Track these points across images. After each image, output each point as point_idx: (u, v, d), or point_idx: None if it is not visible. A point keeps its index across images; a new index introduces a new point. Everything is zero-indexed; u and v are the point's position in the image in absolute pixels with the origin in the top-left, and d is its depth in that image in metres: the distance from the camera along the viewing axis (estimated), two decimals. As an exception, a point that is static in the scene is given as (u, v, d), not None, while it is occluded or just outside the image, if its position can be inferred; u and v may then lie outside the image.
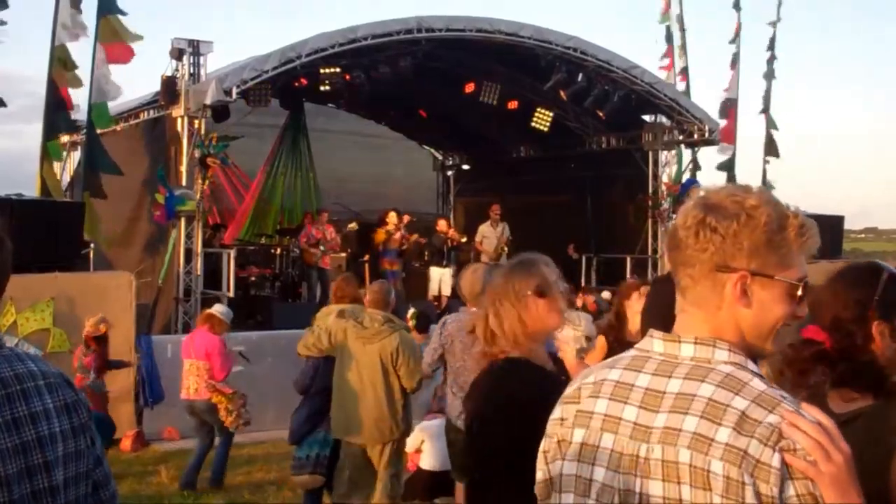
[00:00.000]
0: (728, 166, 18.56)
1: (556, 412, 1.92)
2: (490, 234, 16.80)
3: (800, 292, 1.74)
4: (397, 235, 15.95)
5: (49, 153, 14.29)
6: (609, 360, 1.91)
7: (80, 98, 13.98)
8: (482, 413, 3.20)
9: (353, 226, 16.60)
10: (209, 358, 8.77)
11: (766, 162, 19.84)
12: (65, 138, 15.33)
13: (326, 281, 14.92)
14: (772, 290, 1.72)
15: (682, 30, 19.74)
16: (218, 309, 9.42)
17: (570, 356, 4.07)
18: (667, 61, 19.56)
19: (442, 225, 16.82)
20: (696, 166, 17.83)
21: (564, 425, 1.87)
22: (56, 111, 13.85)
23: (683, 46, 19.71)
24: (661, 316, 1.99)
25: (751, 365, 1.71)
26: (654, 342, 1.81)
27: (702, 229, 1.71)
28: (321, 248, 15.46)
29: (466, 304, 6.36)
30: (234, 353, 9.21)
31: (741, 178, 19.09)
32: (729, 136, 18.66)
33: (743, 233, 1.70)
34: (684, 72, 19.54)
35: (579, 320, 6.65)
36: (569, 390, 1.93)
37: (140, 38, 13.41)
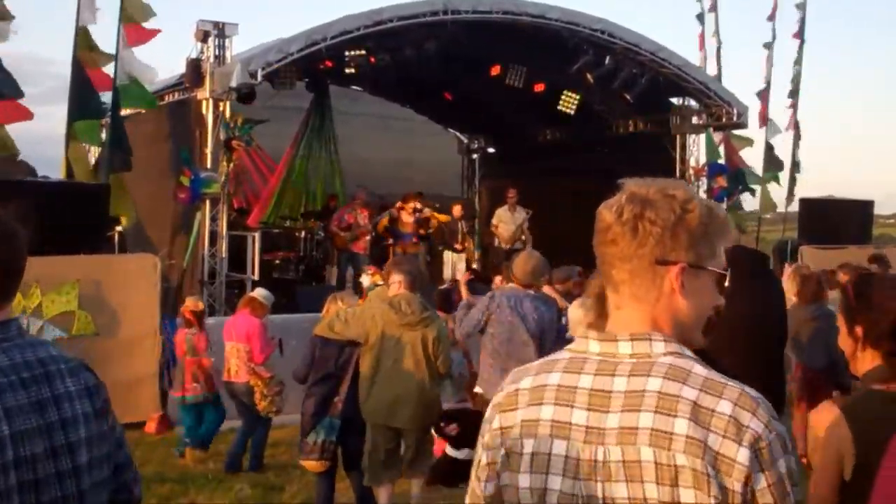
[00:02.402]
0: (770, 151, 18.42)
1: (494, 421, 1.85)
2: (507, 219, 16.70)
3: (726, 282, 1.79)
4: (410, 219, 15.94)
5: (77, 134, 14.28)
6: (538, 363, 1.88)
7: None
8: None
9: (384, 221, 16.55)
10: (249, 340, 8.85)
11: (796, 146, 19.57)
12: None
13: (358, 266, 14.90)
14: (703, 280, 1.77)
15: (716, 9, 19.50)
16: (260, 293, 9.50)
17: None
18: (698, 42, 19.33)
19: (457, 210, 16.83)
20: (730, 148, 17.59)
21: (510, 435, 1.81)
22: (83, 94, 13.82)
23: (716, 27, 19.46)
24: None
25: (687, 351, 1.74)
26: (590, 343, 1.79)
27: (641, 223, 1.74)
28: (352, 232, 15.41)
29: (519, 286, 7.11)
30: (276, 338, 9.23)
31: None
32: (762, 119, 18.48)
33: (680, 226, 1.73)
34: (717, 52, 19.31)
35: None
36: (500, 397, 1.87)
37: (153, 14, 13.32)
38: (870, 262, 10.35)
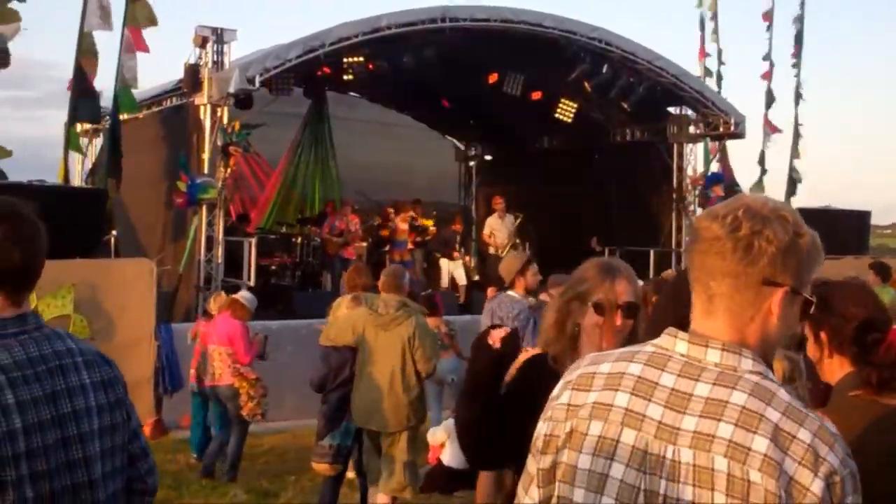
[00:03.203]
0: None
1: (563, 397, 1.87)
2: (499, 227, 16.78)
3: (811, 309, 1.80)
4: (403, 227, 16.02)
5: (70, 140, 14.29)
6: (619, 351, 1.89)
7: (102, 85, 14.00)
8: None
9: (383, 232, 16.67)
10: (232, 343, 8.77)
11: (794, 155, 19.60)
12: (85, 126, 15.33)
13: (349, 271, 14.97)
14: (796, 304, 1.77)
15: (715, 16, 19.55)
16: (243, 295, 9.45)
17: None
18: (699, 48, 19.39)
19: (457, 221, 17.20)
20: (724, 157, 17.62)
21: (577, 415, 1.82)
22: (83, 98, 13.84)
23: (716, 33, 19.51)
24: (677, 316, 1.91)
25: (771, 374, 1.74)
26: (678, 343, 1.79)
27: (757, 241, 1.72)
28: (343, 238, 15.47)
29: (507, 285, 7.51)
30: (259, 339, 9.16)
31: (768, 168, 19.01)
32: (767, 127, 18.54)
33: (791, 250, 1.73)
34: (717, 58, 19.36)
35: None
36: (573, 375, 1.89)
37: (154, 24, 13.36)
38: (871, 269, 10.34)
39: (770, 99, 19.09)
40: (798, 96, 19.76)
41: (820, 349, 2.73)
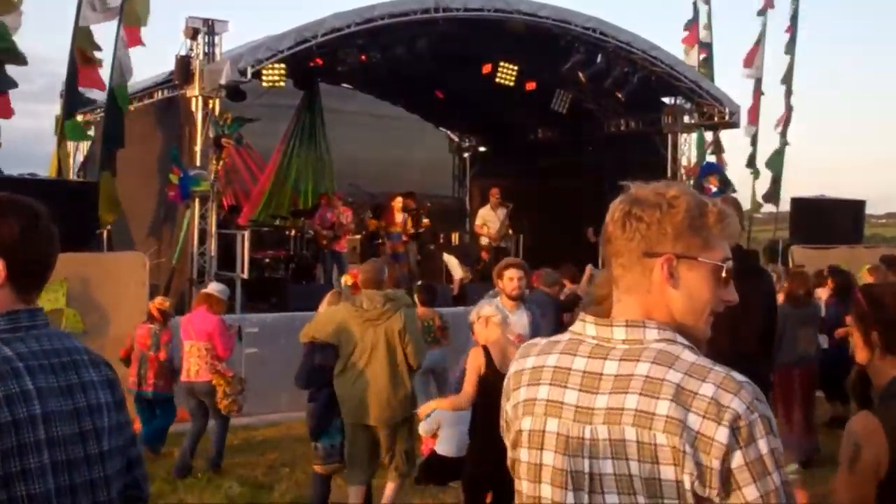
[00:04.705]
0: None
1: (507, 402, 2.01)
2: (491, 217, 16.73)
3: (724, 273, 1.85)
4: (398, 219, 15.95)
5: (66, 133, 14.23)
6: (544, 342, 2.00)
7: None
8: None
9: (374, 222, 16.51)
10: (210, 338, 8.70)
11: (785, 143, 19.51)
12: (87, 117, 15.27)
13: (342, 264, 14.87)
14: (697, 271, 1.84)
15: (708, 3, 19.45)
16: (214, 287, 9.32)
17: None
18: (687, 34, 19.28)
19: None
20: (718, 148, 17.58)
21: (516, 414, 1.96)
22: (76, 92, 13.77)
23: (709, 21, 19.43)
24: None
25: (680, 338, 1.81)
26: (587, 326, 1.90)
27: (628, 220, 1.85)
28: (334, 231, 15.40)
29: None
30: (234, 331, 9.11)
31: (759, 158, 18.98)
32: (752, 115, 18.45)
33: (665, 219, 1.82)
34: (708, 47, 19.27)
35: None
36: (508, 378, 2.02)
37: (144, 23, 13.35)
38: (881, 262, 10.25)
39: (758, 85, 18.99)
40: (789, 84, 19.67)
41: (871, 350, 2.74)
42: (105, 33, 13.47)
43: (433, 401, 6.97)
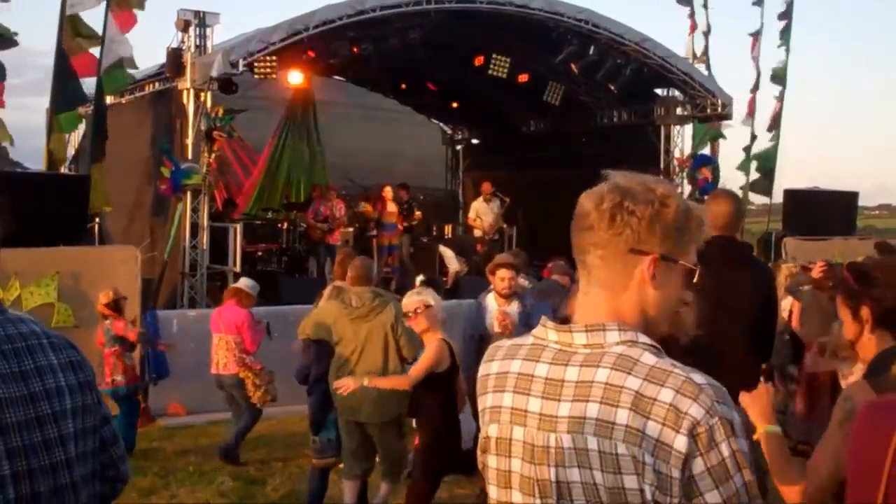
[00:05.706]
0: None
1: (478, 402, 2.00)
2: (484, 210, 16.75)
3: (695, 278, 1.85)
4: (392, 209, 15.92)
5: (61, 125, 14.10)
6: (508, 345, 1.98)
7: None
8: None
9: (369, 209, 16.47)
10: (239, 332, 8.83)
11: (775, 136, 19.46)
12: (88, 108, 15.17)
13: (335, 257, 14.88)
14: (675, 272, 1.84)
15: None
16: (244, 283, 9.47)
17: None
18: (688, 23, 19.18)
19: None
20: (714, 139, 17.54)
21: (483, 419, 1.96)
22: (66, 82, 13.64)
23: (705, 7, 19.34)
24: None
25: (642, 338, 1.79)
26: (549, 332, 1.88)
27: (619, 212, 1.80)
28: (328, 224, 15.37)
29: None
30: (263, 325, 9.19)
31: (755, 150, 18.91)
32: (751, 107, 18.42)
33: (657, 218, 1.80)
34: (705, 36, 19.19)
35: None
36: (478, 381, 2.00)
37: (142, 7, 13.19)
38: (875, 249, 10.37)
39: (756, 76, 18.94)
40: (783, 77, 19.60)
41: (860, 325, 2.76)
42: (96, 23, 13.33)
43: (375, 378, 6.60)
